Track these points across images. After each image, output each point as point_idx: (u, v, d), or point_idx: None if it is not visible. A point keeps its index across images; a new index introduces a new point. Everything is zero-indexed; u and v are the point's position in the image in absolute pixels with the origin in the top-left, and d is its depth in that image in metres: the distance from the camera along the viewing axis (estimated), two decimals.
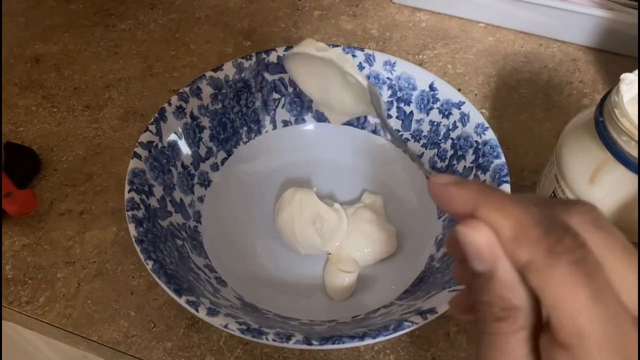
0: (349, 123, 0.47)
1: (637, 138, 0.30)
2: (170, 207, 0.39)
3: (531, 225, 0.17)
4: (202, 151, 0.43)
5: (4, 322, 0.45)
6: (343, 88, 0.36)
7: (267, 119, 0.46)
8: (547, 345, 0.17)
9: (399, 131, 0.45)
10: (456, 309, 0.23)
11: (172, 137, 0.41)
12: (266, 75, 0.45)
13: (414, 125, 0.44)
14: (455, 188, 0.19)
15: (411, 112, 0.44)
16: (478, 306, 0.19)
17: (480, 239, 0.18)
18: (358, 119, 0.46)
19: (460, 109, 0.41)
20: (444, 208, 0.20)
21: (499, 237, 0.18)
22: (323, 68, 0.36)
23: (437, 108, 0.43)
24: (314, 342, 0.29)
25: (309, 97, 0.39)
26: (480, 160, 0.39)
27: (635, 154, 0.31)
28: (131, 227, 0.34)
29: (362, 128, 0.46)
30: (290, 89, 0.46)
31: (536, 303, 0.18)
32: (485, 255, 0.18)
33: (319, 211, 0.40)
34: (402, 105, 0.44)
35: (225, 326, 0.30)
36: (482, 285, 0.18)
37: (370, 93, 0.34)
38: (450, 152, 0.42)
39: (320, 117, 0.47)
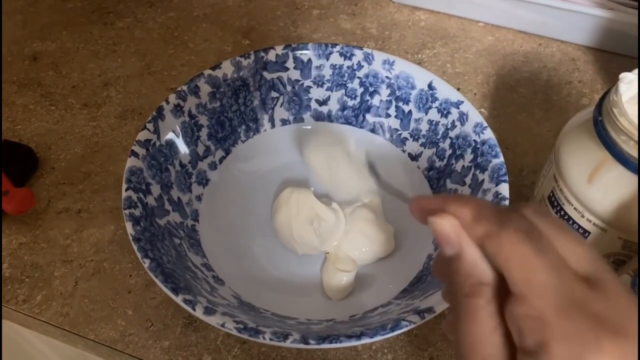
0: (347, 122, 0.47)
1: (636, 138, 0.30)
2: (167, 206, 0.39)
3: (486, 209, 0.22)
4: (200, 150, 0.43)
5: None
6: (348, 167, 0.39)
7: (266, 117, 0.46)
8: (507, 305, 0.20)
9: (397, 130, 0.45)
10: (448, 329, 0.25)
11: (170, 135, 0.41)
12: (265, 73, 0.45)
13: (412, 125, 0.44)
14: (428, 198, 0.24)
15: (410, 111, 0.44)
16: (451, 289, 0.22)
17: (446, 224, 0.22)
18: (356, 117, 0.46)
19: (459, 108, 0.41)
20: (422, 218, 0.24)
21: (462, 223, 0.22)
22: (333, 154, 0.40)
23: (436, 107, 0.43)
24: (311, 342, 0.29)
25: (322, 182, 0.41)
26: (479, 159, 0.39)
27: (634, 153, 0.30)
28: (128, 226, 0.34)
29: (361, 127, 0.46)
30: (288, 88, 0.46)
31: (500, 282, 0.21)
32: (452, 238, 0.22)
33: (316, 211, 0.40)
34: (400, 104, 0.44)
35: (222, 325, 0.30)
36: (452, 269, 0.22)
37: (369, 165, 0.38)
38: (449, 152, 0.41)
39: (319, 116, 0.47)
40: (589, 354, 0.17)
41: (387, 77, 0.44)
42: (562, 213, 0.35)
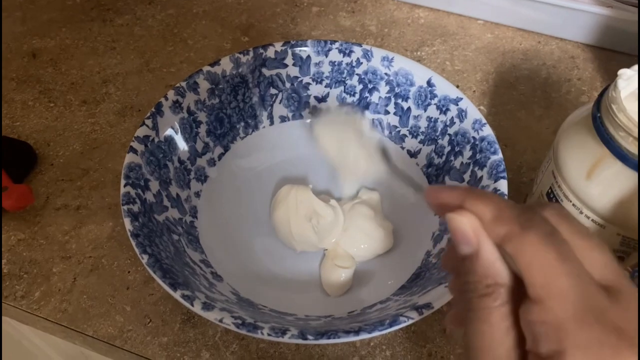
0: None
1: (634, 134, 0.30)
2: (166, 202, 0.39)
3: (508, 209, 0.21)
4: (199, 146, 0.43)
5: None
6: (359, 149, 0.38)
7: (265, 114, 0.46)
8: (523, 309, 0.19)
9: (396, 127, 0.45)
10: (452, 321, 0.25)
11: (169, 131, 0.40)
12: (264, 70, 0.45)
13: (411, 122, 0.44)
14: (446, 190, 0.23)
15: (409, 108, 0.44)
16: (465, 287, 0.21)
17: (466, 222, 0.21)
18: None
19: (457, 105, 0.41)
20: (438, 210, 0.23)
21: (481, 221, 0.21)
22: (345, 133, 0.39)
23: (435, 104, 0.42)
24: (309, 337, 0.29)
25: (330, 162, 0.40)
26: (478, 156, 0.39)
27: (632, 149, 0.30)
28: (126, 221, 0.34)
29: None
30: (287, 84, 0.46)
31: (515, 284, 0.20)
32: (471, 236, 0.21)
33: (315, 208, 0.40)
34: (399, 101, 0.44)
35: (220, 320, 0.29)
36: (468, 267, 0.21)
37: (381, 149, 0.37)
38: (448, 148, 0.41)
39: (318, 113, 0.47)
40: None
41: (386, 73, 0.44)
42: None
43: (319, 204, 0.40)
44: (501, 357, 0.20)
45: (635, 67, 0.33)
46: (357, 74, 0.45)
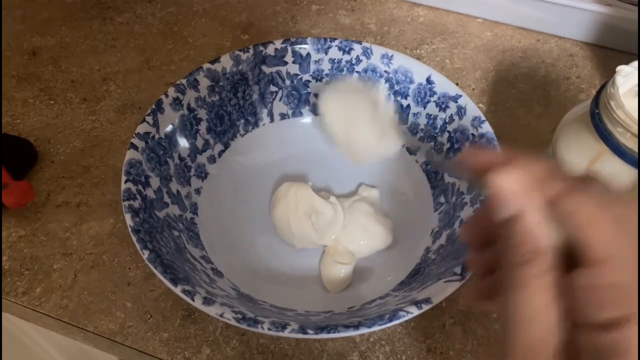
0: None
1: (632, 130, 0.30)
2: (166, 199, 0.39)
3: (559, 169, 0.19)
4: (199, 143, 0.43)
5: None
6: (371, 125, 0.34)
7: (265, 111, 0.46)
8: (579, 273, 0.18)
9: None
10: (476, 295, 0.23)
11: (169, 128, 0.41)
12: (264, 67, 0.45)
13: (410, 119, 0.44)
14: (488, 151, 0.22)
15: (408, 105, 0.44)
16: (504, 254, 0.19)
17: (513, 179, 0.19)
18: None
19: (457, 102, 0.41)
20: (474, 171, 0.21)
21: (531, 178, 0.19)
22: (355, 103, 0.35)
23: (434, 101, 0.43)
24: (310, 331, 0.29)
25: (334, 136, 0.36)
26: None
27: (630, 145, 0.31)
28: (127, 217, 0.34)
29: None
30: (287, 82, 0.46)
31: (561, 254, 0.18)
32: (514, 196, 0.19)
33: (314, 205, 0.40)
34: (399, 98, 0.45)
35: (221, 315, 0.30)
36: (506, 232, 0.19)
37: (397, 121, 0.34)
38: (447, 145, 0.42)
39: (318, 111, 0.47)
40: None
41: (385, 71, 0.44)
42: None
43: (319, 201, 0.40)
44: (544, 332, 0.17)
45: (634, 63, 0.33)
46: (356, 72, 0.45)
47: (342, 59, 0.45)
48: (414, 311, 0.30)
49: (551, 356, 0.17)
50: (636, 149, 0.31)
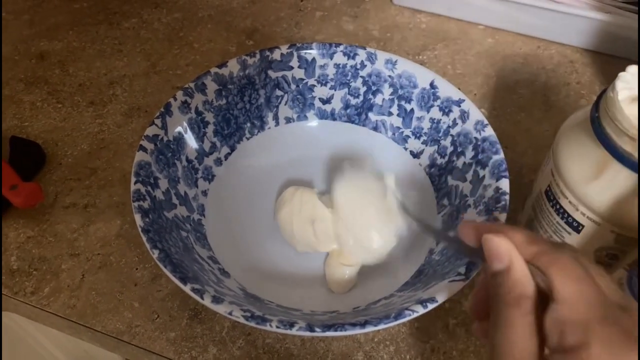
0: (350, 120, 0.48)
1: (631, 135, 0.31)
2: (175, 200, 0.39)
3: (539, 237, 0.26)
4: (206, 146, 0.44)
5: (6, 314, 0.46)
6: (378, 207, 0.38)
7: (270, 115, 0.47)
8: (551, 309, 0.23)
9: (399, 128, 0.46)
10: (480, 333, 0.28)
11: (177, 131, 0.41)
12: (270, 72, 0.46)
13: (414, 123, 0.45)
14: (480, 224, 0.29)
15: (412, 110, 0.45)
16: (495, 299, 0.24)
17: (502, 242, 0.25)
18: (359, 115, 0.47)
19: (460, 106, 0.42)
20: (475, 237, 0.27)
21: (515, 243, 0.25)
22: (364, 194, 0.38)
23: (438, 105, 0.43)
24: (317, 329, 0.30)
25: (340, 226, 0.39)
26: (480, 156, 0.40)
27: (630, 150, 0.31)
28: (137, 218, 0.35)
29: (364, 125, 0.47)
30: (293, 86, 0.47)
31: (538, 298, 0.24)
32: (505, 254, 0.25)
33: (318, 211, 0.40)
34: (403, 103, 0.45)
35: (230, 313, 0.30)
36: (499, 281, 0.24)
37: (403, 207, 0.37)
38: (450, 149, 0.42)
39: (322, 115, 0.48)
40: (624, 355, 0.20)
41: (389, 76, 0.45)
42: (558, 207, 0.36)
43: (322, 208, 0.40)
44: (525, 357, 0.23)
45: (631, 69, 0.34)
46: (361, 77, 0.46)
47: (346, 64, 0.46)
48: (420, 310, 0.31)
49: None
50: (636, 154, 0.31)
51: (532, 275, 0.24)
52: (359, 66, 0.46)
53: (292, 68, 0.46)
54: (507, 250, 0.25)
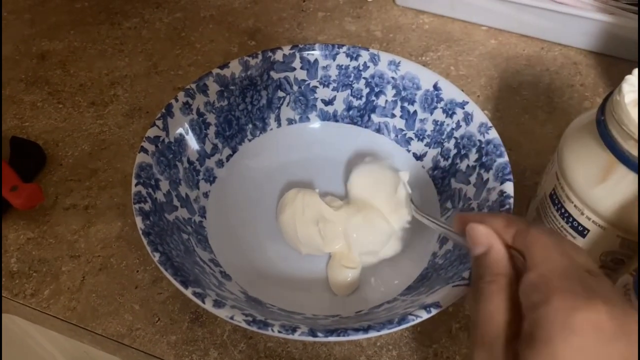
0: (353, 122, 0.47)
1: (635, 137, 0.31)
2: (176, 202, 0.39)
3: (516, 218, 0.28)
4: (208, 147, 0.43)
5: (6, 316, 0.45)
6: (389, 197, 0.40)
7: (272, 116, 0.47)
8: (523, 278, 0.25)
9: (402, 130, 0.46)
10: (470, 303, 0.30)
11: (179, 132, 0.41)
12: (272, 73, 0.45)
13: (417, 125, 0.45)
14: (469, 214, 0.33)
15: (415, 112, 0.45)
16: (476, 278, 0.27)
17: (481, 229, 0.28)
18: (362, 117, 0.47)
19: (464, 108, 0.42)
20: (462, 228, 0.30)
21: (495, 229, 0.28)
22: (377, 183, 0.41)
23: (441, 107, 0.43)
24: (319, 334, 0.29)
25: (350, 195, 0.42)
26: (484, 158, 0.39)
27: (635, 153, 0.31)
28: (138, 220, 0.34)
29: (366, 127, 0.47)
30: (295, 87, 0.46)
31: (516, 278, 0.26)
32: (484, 239, 0.28)
33: (321, 212, 0.40)
34: (406, 104, 0.45)
35: (232, 318, 0.30)
36: (479, 263, 0.27)
37: (412, 201, 0.40)
38: (454, 151, 0.42)
39: (325, 116, 0.47)
40: (582, 307, 0.21)
41: (392, 77, 0.45)
42: (563, 210, 0.36)
43: (326, 208, 0.40)
44: (496, 329, 0.24)
45: (635, 71, 0.33)
46: (364, 78, 0.46)
47: (349, 65, 0.46)
48: (423, 315, 0.30)
49: (503, 345, 0.24)
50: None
51: (514, 259, 0.27)
52: (361, 67, 0.46)
53: (294, 69, 0.46)
54: (485, 236, 0.27)
